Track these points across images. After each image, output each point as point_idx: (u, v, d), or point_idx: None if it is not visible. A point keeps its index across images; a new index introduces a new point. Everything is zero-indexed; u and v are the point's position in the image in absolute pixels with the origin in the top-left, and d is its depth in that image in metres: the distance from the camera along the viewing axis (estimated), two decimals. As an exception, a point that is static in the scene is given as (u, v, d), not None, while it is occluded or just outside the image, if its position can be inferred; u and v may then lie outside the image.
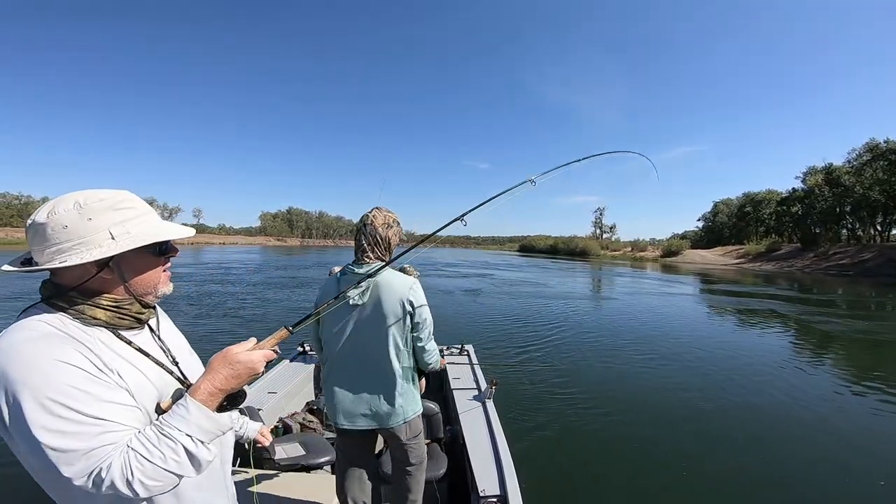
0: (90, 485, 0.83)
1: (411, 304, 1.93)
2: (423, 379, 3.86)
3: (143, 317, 1.00)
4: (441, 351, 4.59)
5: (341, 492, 2.14)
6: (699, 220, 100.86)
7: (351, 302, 1.91)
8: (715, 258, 65.52)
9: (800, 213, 61.54)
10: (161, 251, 1.00)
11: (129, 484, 0.83)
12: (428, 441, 2.97)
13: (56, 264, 0.88)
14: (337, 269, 2.48)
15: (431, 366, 2.13)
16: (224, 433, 0.96)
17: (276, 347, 1.07)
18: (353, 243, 2.06)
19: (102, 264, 0.92)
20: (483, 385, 3.63)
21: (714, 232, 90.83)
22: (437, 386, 4.54)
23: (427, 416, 2.97)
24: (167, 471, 0.86)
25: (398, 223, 2.07)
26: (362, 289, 1.90)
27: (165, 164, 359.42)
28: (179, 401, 0.93)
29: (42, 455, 0.80)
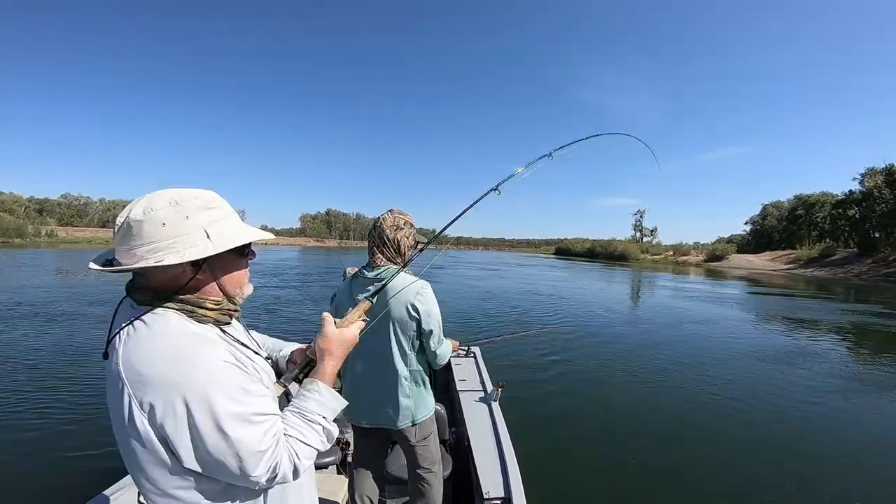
0: (265, 479, 0.87)
1: (416, 308, 1.91)
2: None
3: (237, 314, 1.03)
4: None
5: (351, 489, 2.21)
6: (746, 223, 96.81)
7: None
8: (763, 263, 62.80)
9: (857, 216, 58.19)
10: (245, 252, 1.02)
11: (295, 470, 0.90)
12: None
13: (151, 263, 0.85)
14: (350, 269, 2.65)
15: (440, 365, 2.11)
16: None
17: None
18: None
19: (198, 264, 0.91)
20: (489, 387, 3.62)
21: (763, 236, 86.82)
22: (442, 387, 4.55)
23: None
24: (316, 450, 0.95)
25: (410, 225, 2.04)
26: (370, 293, 1.86)
27: (211, 165, 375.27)
28: (311, 385, 1.01)
29: (228, 458, 0.83)
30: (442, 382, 4.67)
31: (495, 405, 3.29)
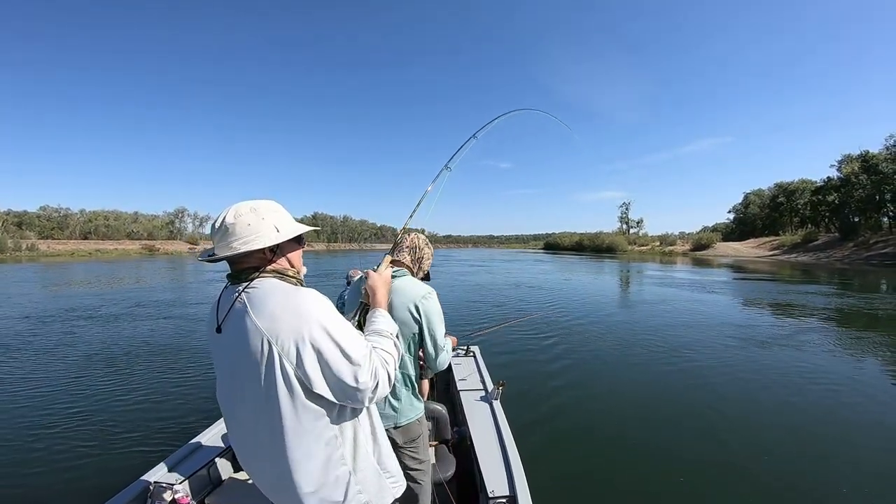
0: (371, 385, 1.17)
1: (419, 311, 1.95)
2: (427, 381, 4.24)
3: (302, 281, 1.37)
4: None
5: None
6: (730, 211, 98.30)
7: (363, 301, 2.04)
8: (748, 250, 63.85)
9: (837, 201, 59.44)
10: (299, 241, 1.37)
11: (388, 377, 1.23)
12: (435, 443, 3.04)
13: (246, 248, 1.19)
14: (353, 272, 2.66)
15: (440, 369, 2.23)
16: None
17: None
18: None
19: (273, 249, 1.26)
20: (490, 386, 3.64)
21: (746, 224, 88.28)
22: (443, 387, 4.56)
23: (434, 418, 3.09)
24: (394, 358, 1.30)
25: (431, 252, 2.23)
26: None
27: (193, 175, 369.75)
28: (374, 313, 1.43)
29: (347, 366, 1.14)
30: (442, 382, 4.68)
31: (497, 404, 3.30)
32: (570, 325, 10.58)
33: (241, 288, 1.22)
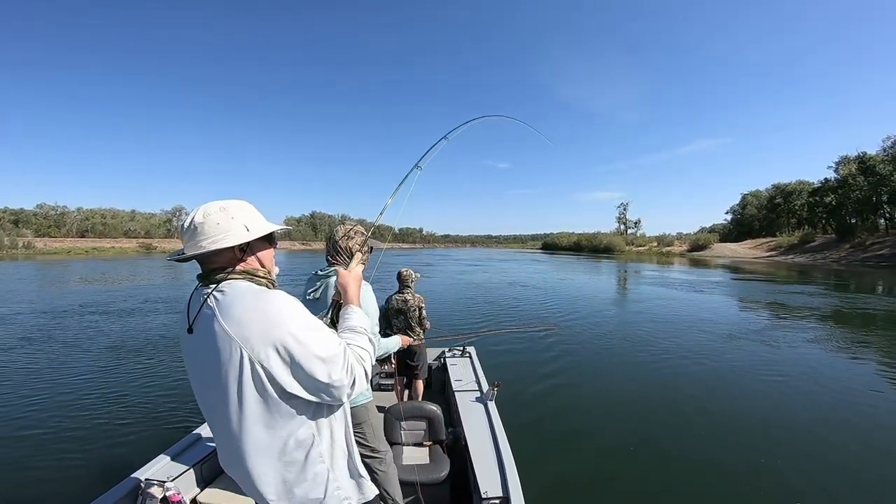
0: (348, 382, 1.17)
1: None
2: (421, 382, 4.26)
3: (274, 283, 1.37)
4: (443, 353, 4.77)
5: None
6: (727, 212, 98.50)
7: (309, 297, 2.23)
8: (745, 251, 64.03)
9: (834, 203, 59.65)
10: (270, 241, 1.37)
11: (365, 372, 1.24)
12: (430, 443, 3.14)
13: (214, 247, 1.19)
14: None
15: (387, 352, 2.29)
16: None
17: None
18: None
19: (243, 248, 1.26)
20: (485, 387, 3.64)
21: (743, 225, 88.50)
22: (438, 388, 4.61)
23: (429, 419, 3.15)
24: (370, 353, 1.30)
25: (361, 234, 2.29)
26: (315, 287, 2.23)
27: (190, 172, 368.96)
28: (347, 310, 1.42)
29: (318, 366, 1.13)
30: (438, 383, 4.68)
31: (492, 405, 3.30)
32: (567, 327, 10.60)
33: (209, 290, 1.20)
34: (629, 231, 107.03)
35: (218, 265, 1.25)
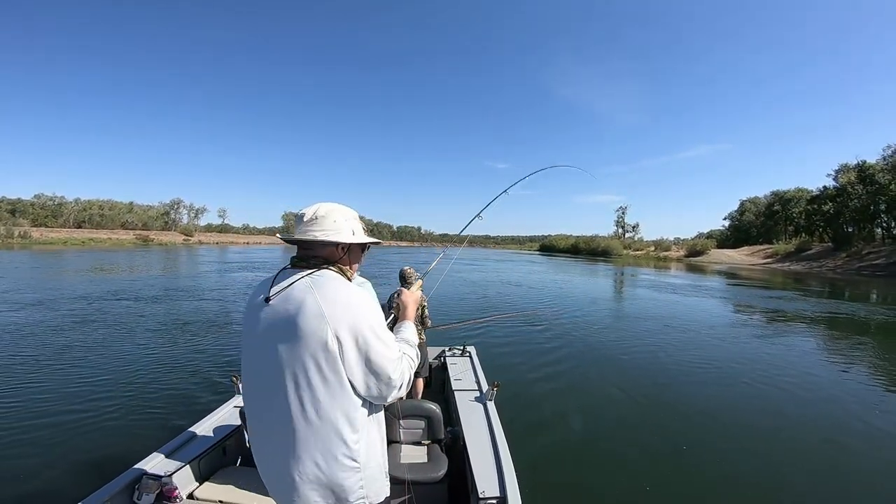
0: (397, 381, 1.33)
1: None
2: (422, 380, 4.26)
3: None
4: (443, 352, 4.79)
5: None
6: (725, 218, 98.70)
7: None
8: (742, 258, 64.19)
9: (832, 211, 59.84)
10: (363, 249, 1.58)
11: (410, 379, 1.40)
12: (429, 442, 3.15)
13: (326, 238, 1.38)
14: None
15: None
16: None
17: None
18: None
19: (344, 248, 1.45)
20: (484, 387, 3.64)
21: (741, 231, 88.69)
22: (438, 387, 4.62)
23: (428, 418, 3.15)
24: (415, 366, 1.45)
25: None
26: None
27: (191, 165, 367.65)
28: (403, 324, 1.60)
29: (382, 361, 1.28)
30: (437, 382, 4.68)
31: (490, 405, 3.30)
32: (566, 328, 10.61)
33: (307, 273, 1.34)
34: (627, 235, 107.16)
35: (320, 255, 1.42)
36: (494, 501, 2.20)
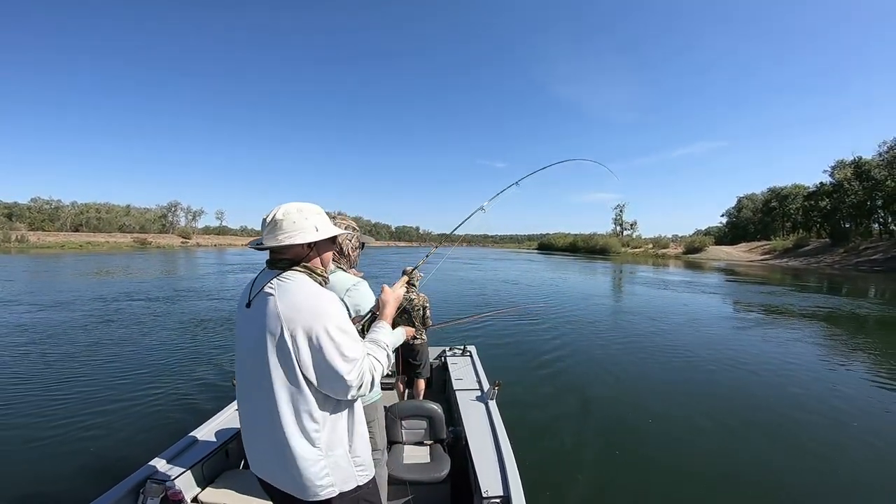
0: (356, 384, 1.34)
1: (345, 303, 2.07)
2: (423, 380, 4.29)
3: (327, 280, 1.57)
4: (444, 352, 4.78)
5: None
6: (723, 215, 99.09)
7: None
8: (739, 254, 64.35)
9: (828, 207, 60.06)
10: (333, 241, 1.59)
11: (370, 377, 1.39)
12: (431, 442, 3.16)
13: (288, 242, 1.41)
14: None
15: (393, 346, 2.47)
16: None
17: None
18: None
19: (311, 246, 1.48)
20: (486, 386, 3.63)
21: (738, 228, 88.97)
22: (439, 387, 4.61)
23: (430, 418, 3.16)
24: (383, 366, 1.46)
25: (353, 229, 2.26)
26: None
27: (189, 168, 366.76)
28: (378, 324, 1.59)
29: (336, 363, 1.31)
30: (439, 382, 4.69)
31: (492, 404, 3.29)
32: (566, 326, 10.60)
33: (274, 274, 1.42)
34: (625, 233, 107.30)
35: (286, 257, 1.46)
36: (498, 501, 2.20)
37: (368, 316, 1.73)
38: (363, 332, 1.63)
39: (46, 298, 13.85)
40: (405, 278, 1.96)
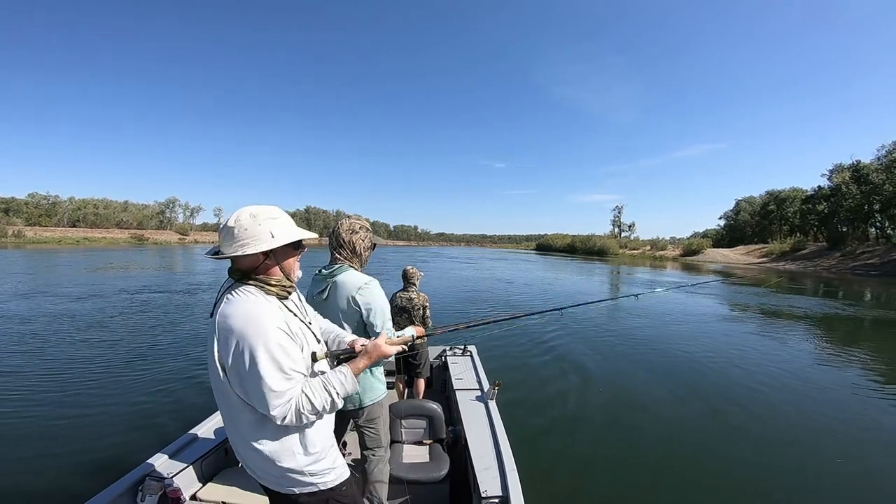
0: (280, 416, 1.29)
1: (357, 301, 2.13)
2: (423, 380, 4.30)
3: (291, 291, 1.49)
4: (444, 351, 4.78)
5: None
6: (721, 218, 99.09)
7: (316, 299, 2.23)
8: (737, 257, 64.51)
9: (826, 211, 60.22)
10: (296, 247, 1.48)
11: (298, 415, 1.32)
12: (430, 441, 3.18)
13: (239, 253, 1.33)
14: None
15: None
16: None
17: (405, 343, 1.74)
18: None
19: (267, 254, 1.38)
20: (486, 386, 3.62)
21: (736, 230, 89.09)
22: (439, 387, 4.62)
23: (429, 417, 3.17)
24: (320, 411, 1.36)
25: (365, 229, 2.29)
26: (322, 287, 2.23)
27: (187, 165, 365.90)
28: (342, 368, 1.47)
29: (259, 391, 1.26)
30: (439, 382, 4.69)
31: (492, 404, 3.29)
32: (566, 326, 10.56)
33: (229, 284, 1.40)
34: (623, 234, 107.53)
35: (242, 266, 1.39)
36: (496, 501, 2.19)
37: (347, 351, 1.65)
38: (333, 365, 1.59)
39: (43, 294, 13.79)
40: (408, 337, 1.83)
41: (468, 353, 4.65)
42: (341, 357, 1.62)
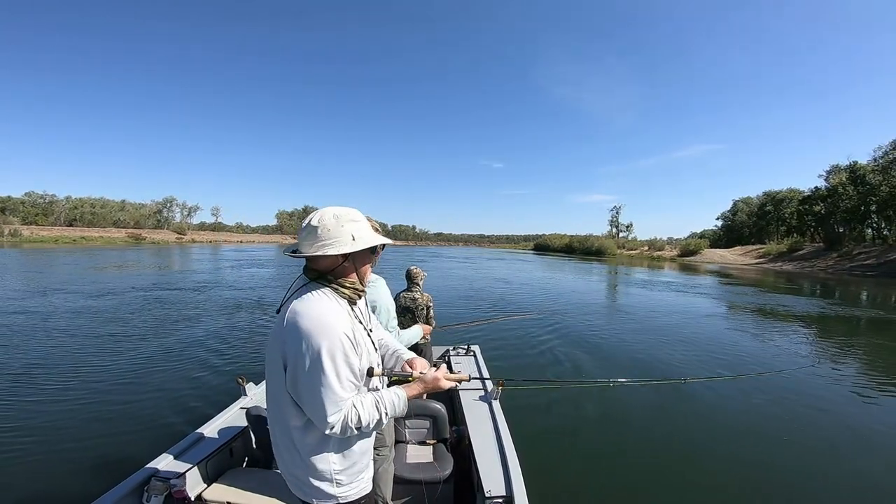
0: (330, 426, 1.28)
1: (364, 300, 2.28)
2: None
3: (361, 295, 1.49)
4: (447, 351, 4.78)
5: None
6: (718, 218, 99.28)
7: None
8: (734, 258, 64.69)
9: (823, 212, 60.43)
10: (373, 251, 1.50)
11: (344, 428, 1.31)
12: (434, 441, 3.17)
13: (320, 253, 1.33)
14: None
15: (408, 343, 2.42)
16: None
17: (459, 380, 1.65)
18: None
19: (346, 256, 1.38)
20: (489, 385, 3.62)
21: (734, 231, 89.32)
22: None
23: (433, 417, 3.16)
24: (364, 427, 1.34)
25: (376, 230, 2.37)
26: None
27: (185, 164, 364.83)
28: (397, 389, 1.46)
29: (312, 396, 1.26)
30: None
31: (496, 403, 3.30)
32: (567, 325, 10.66)
33: (302, 283, 1.40)
34: (621, 234, 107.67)
35: (320, 266, 1.39)
36: (501, 500, 2.20)
37: (401, 375, 1.59)
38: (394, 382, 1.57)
39: (45, 294, 13.74)
40: (462, 376, 1.67)
41: (471, 353, 4.66)
42: (393, 378, 1.59)
